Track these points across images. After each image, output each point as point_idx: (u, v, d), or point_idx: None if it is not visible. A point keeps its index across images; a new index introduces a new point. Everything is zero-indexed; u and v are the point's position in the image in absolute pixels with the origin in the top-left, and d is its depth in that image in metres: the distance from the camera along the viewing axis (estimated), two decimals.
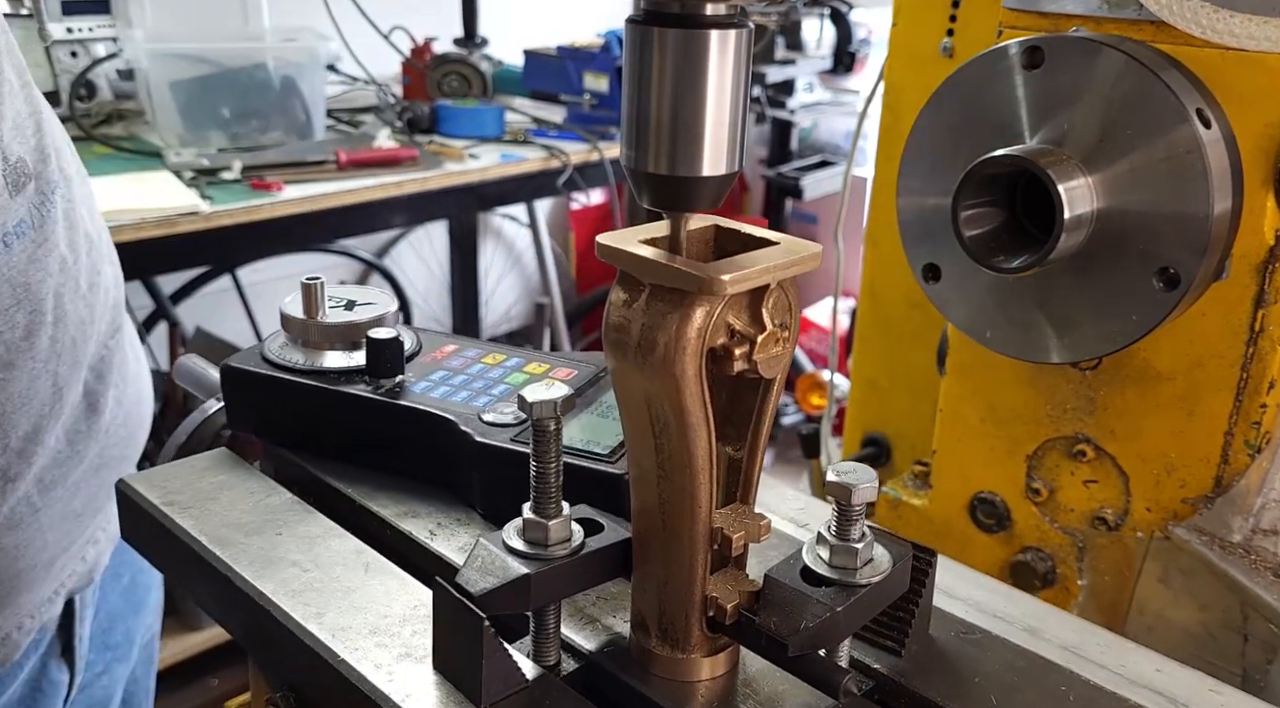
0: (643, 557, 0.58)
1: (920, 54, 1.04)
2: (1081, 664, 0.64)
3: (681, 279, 0.51)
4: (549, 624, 0.60)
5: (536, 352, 0.86)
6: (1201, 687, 0.63)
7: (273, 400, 0.81)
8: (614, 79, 2.88)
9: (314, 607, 0.64)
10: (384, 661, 0.60)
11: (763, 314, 0.53)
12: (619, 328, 0.53)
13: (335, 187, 2.31)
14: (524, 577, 0.56)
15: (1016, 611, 0.70)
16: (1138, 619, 0.85)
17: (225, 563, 0.69)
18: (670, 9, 0.49)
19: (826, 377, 3.46)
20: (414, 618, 0.63)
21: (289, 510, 0.76)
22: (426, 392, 0.78)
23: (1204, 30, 0.69)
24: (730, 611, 0.57)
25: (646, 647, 0.60)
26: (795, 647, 0.54)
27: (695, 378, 0.52)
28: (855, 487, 0.55)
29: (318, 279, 0.81)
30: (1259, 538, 0.80)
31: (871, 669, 0.62)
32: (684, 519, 0.55)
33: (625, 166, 0.52)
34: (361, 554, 0.70)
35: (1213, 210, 0.71)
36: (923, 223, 0.84)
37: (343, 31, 2.84)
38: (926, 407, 0.99)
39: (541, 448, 0.57)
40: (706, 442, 0.54)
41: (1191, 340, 0.78)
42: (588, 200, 3.82)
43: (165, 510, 0.75)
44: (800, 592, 0.55)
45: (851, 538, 0.57)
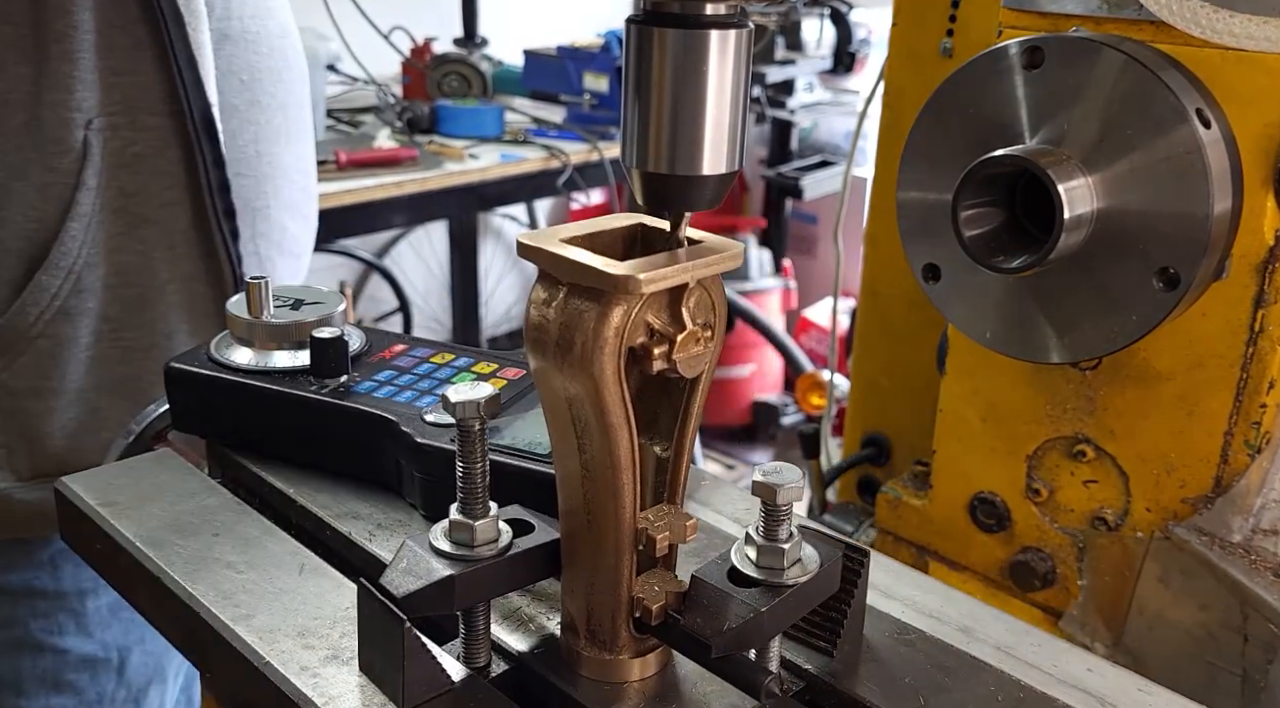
0: (570, 558, 0.58)
1: (920, 54, 1.04)
2: (1013, 664, 0.64)
3: (597, 278, 0.50)
4: (478, 625, 0.60)
5: (490, 351, 0.86)
6: (1130, 687, 0.63)
7: (216, 401, 0.80)
8: (614, 79, 2.88)
9: (244, 609, 0.64)
10: (310, 663, 0.59)
11: (683, 313, 0.53)
12: (538, 327, 0.52)
13: (335, 187, 2.31)
14: (448, 578, 0.56)
15: (953, 610, 0.69)
16: (1138, 619, 0.85)
17: (158, 565, 0.68)
18: (670, 9, 0.49)
19: (826, 377, 3.46)
20: (344, 619, 0.63)
21: (228, 511, 0.75)
22: (371, 392, 0.78)
23: (1204, 30, 0.69)
24: (656, 611, 0.56)
25: (575, 648, 0.60)
26: (719, 648, 0.54)
27: (614, 377, 0.52)
28: (781, 487, 0.55)
29: (262, 278, 0.81)
30: (1259, 538, 0.80)
31: (803, 670, 0.62)
32: (608, 520, 0.55)
33: (625, 166, 0.52)
34: (298, 555, 0.70)
35: (1212, 210, 0.71)
36: (923, 223, 0.84)
37: (343, 31, 2.84)
38: (926, 407, 0.99)
39: (466, 448, 0.57)
40: (629, 442, 0.54)
41: (1191, 340, 0.78)
42: (588, 200, 3.82)
43: (102, 512, 0.74)
44: (724, 592, 0.55)
45: (779, 538, 0.56)
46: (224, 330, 0.84)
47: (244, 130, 1.15)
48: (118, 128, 1.02)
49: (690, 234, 0.54)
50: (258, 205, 1.18)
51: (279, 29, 1.20)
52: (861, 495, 1.21)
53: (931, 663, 0.62)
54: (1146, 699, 0.63)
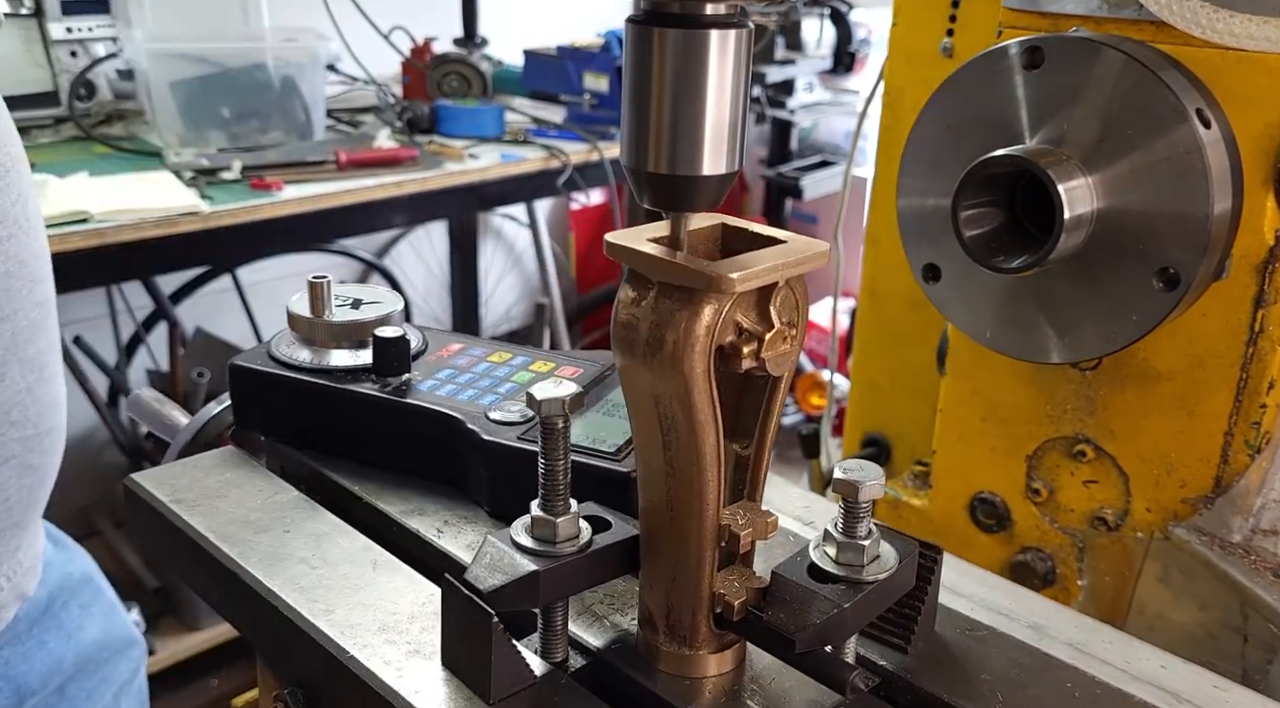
0: (650, 554, 0.58)
1: (920, 54, 1.04)
2: (1086, 661, 0.64)
3: (690, 277, 0.51)
4: (557, 621, 0.60)
5: (541, 350, 0.86)
6: (1205, 683, 0.63)
7: (279, 399, 0.81)
8: (614, 79, 2.88)
9: (322, 603, 0.65)
10: (393, 657, 0.60)
11: (770, 312, 0.54)
12: (628, 325, 0.53)
13: (335, 187, 2.31)
14: (533, 574, 0.56)
15: (1021, 608, 0.70)
16: (1138, 620, 0.85)
17: (234, 560, 0.69)
18: (670, 9, 0.49)
19: (826, 377, 3.46)
20: (422, 615, 0.64)
21: (296, 508, 0.76)
22: (433, 390, 0.79)
23: (1204, 30, 0.69)
24: (738, 607, 0.57)
25: (654, 643, 0.60)
26: (802, 643, 0.54)
27: (704, 376, 0.52)
28: (862, 484, 0.56)
29: (324, 278, 0.81)
30: (1259, 538, 0.80)
31: (878, 666, 0.62)
32: (691, 517, 0.56)
33: (625, 166, 0.52)
34: (369, 551, 0.71)
35: (1212, 210, 0.71)
36: (923, 223, 0.84)
37: (343, 31, 2.84)
38: (926, 407, 0.99)
39: (550, 445, 0.57)
40: (715, 440, 0.54)
41: (1191, 340, 0.78)
42: (588, 200, 3.81)
43: (173, 508, 0.75)
44: (807, 589, 0.56)
45: (858, 535, 0.57)
46: (282, 329, 0.85)
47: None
48: None
49: (775, 234, 0.55)
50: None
51: None
52: None
53: (1006, 660, 0.62)
54: (1222, 696, 0.62)
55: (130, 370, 2.86)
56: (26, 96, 2.45)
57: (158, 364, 2.90)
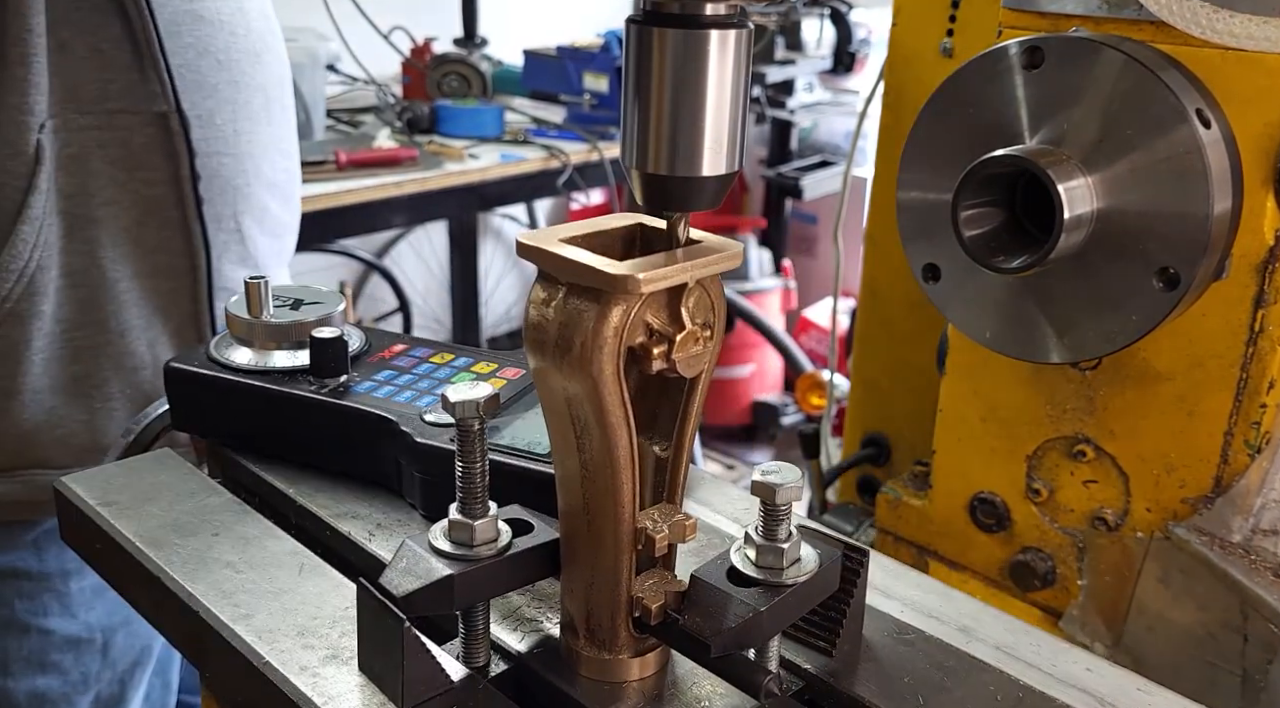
0: (570, 558, 0.58)
1: (920, 54, 1.04)
2: (1012, 664, 0.64)
3: (597, 278, 0.50)
4: (478, 625, 0.60)
5: (490, 351, 0.86)
6: (1129, 686, 0.63)
7: (216, 400, 0.80)
8: (614, 79, 2.88)
9: (243, 608, 0.64)
10: (310, 663, 0.59)
11: (682, 313, 0.53)
12: (537, 327, 0.52)
13: (335, 187, 2.31)
14: (447, 578, 0.56)
15: (952, 610, 0.69)
16: (1138, 620, 0.85)
17: (158, 565, 0.68)
18: (670, 9, 0.49)
19: (826, 377, 3.46)
20: (344, 619, 0.63)
21: (227, 511, 0.75)
22: (370, 391, 0.78)
23: (1203, 30, 0.69)
24: (656, 611, 0.56)
25: (575, 648, 0.60)
26: (718, 647, 0.54)
27: (613, 377, 0.52)
28: (781, 486, 0.55)
29: (261, 278, 0.81)
30: (1259, 538, 0.80)
31: (802, 669, 0.62)
32: (608, 520, 0.55)
33: (625, 167, 0.52)
34: (297, 555, 0.70)
35: (1212, 210, 0.71)
36: (922, 223, 0.84)
37: (342, 31, 2.84)
38: (926, 407, 0.98)
39: (466, 448, 0.57)
40: (628, 441, 0.54)
41: (1191, 341, 0.78)
42: (587, 200, 3.81)
43: (101, 512, 0.74)
44: (724, 592, 0.55)
45: (778, 538, 0.57)
46: (223, 331, 0.84)
47: (221, 110, 1.14)
48: (57, 129, 1.01)
49: (695, 234, 0.54)
50: (238, 183, 1.17)
51: (257, 12, 1.19)
52: (861, 496, 1.21)
53: (931, 663, 0.62)
54: (1146, 699, 0.63)
55: None
56: None
57: None
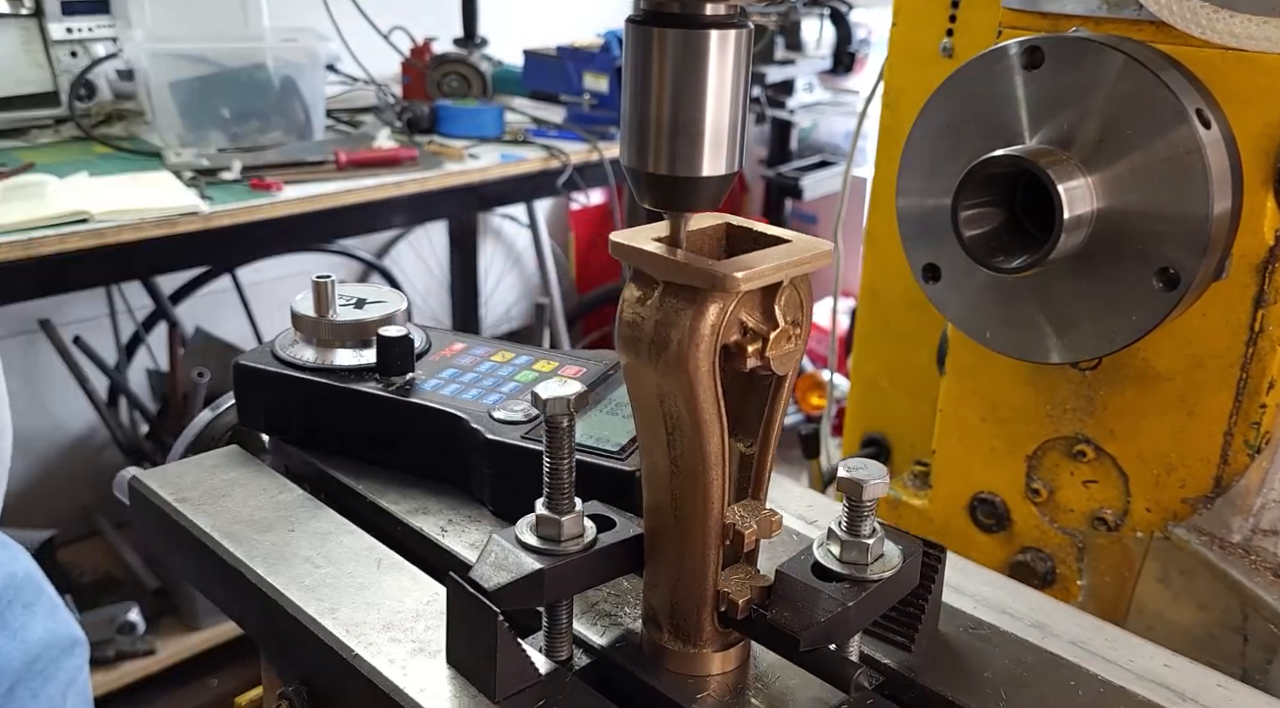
0: (655, 553, 0.58)
1: (920, 54, 1.04)
2: (1089, 659, 0.64)
3: (695, 276, 0.51)
4: (562, 619, 0.60)
5: (544, 349, 0.87)
6: (1209, 682, 0.63)
7: (283, 398, 0.81)
8: (614, 79, 2.88)
9: (328, 602, 0.65)
10: (398, 655, 0.60)
11: (775, 311, 0.54)
12: (632, 325, 0.53)
13: (335, 187, 2.31)
14: (538, 572, 0.56)
15: (1024, 606, 0.70)
16: (1137, 620, 0.85)
17: (239, 559, 0.70)
18: (670, 9, 0.49)
19: (826, 377, 3.45)
20: (427, 613, 0.64)
21: (300, 507, 0.76)
22: (437, 389, 0.79)
23: (1204, 30, 0.69)
24: (742, 606, 0.57)
25: (658, 642, 0.60)
26: (806, 642, 0.54)
27: (709, 375, 0.52)
28: (867, 482, 0.56)
29: (328, 277, 0.81)
30: (1259, 538, 0.80)
31: (881, 664, 0.62)
32: (696, 515, 0.56)
33: (625, 167, 0.52)
34: (373, 550, 0.71)
35: (1212, 210, 0.71)
36: (922, 223, 0.84)
37: (342, 31, 2.84)
38: (926, 407, 0.99)
39: (555, 444, 0.58)
40: (719, 439, 0.54)
41: (1191, 341, 0.78)
42: (587, 200, 3.81)
43: (178, 507, 0.76)
44: (812, 587, 0.56)
45: (862, 534, 0.57)
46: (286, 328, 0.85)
47: None
48: None
49: (779, 233, 0.55)
50: None
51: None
52: None
53: (1009, 658, 0.62)
54: (1225, 695, 0.63)
55: (130, 371, 2.86)
56: (26, 97, 2.45)
57: (158, 364, 2.90)
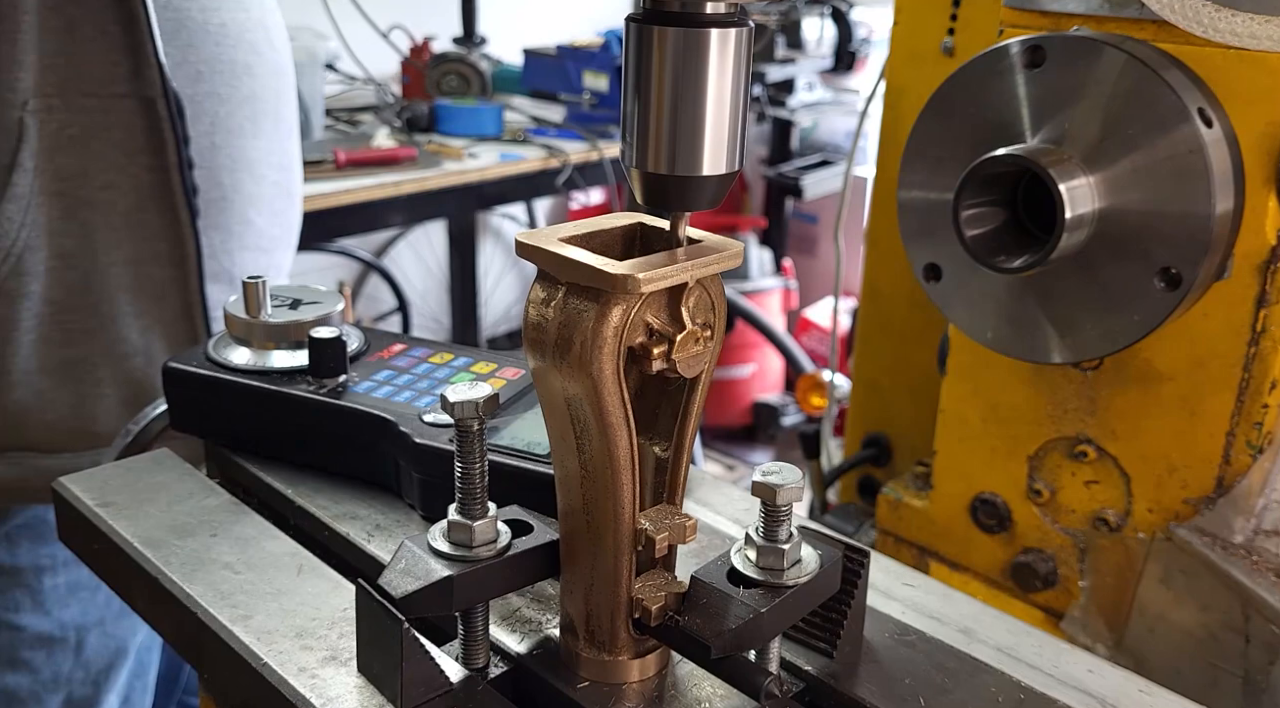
0: (569, 559, 0.58)
1: (921, 53, 1.03)
2: (1014, 666, 0.64)
3: (596, 278, 0.50)
4: (477, 627, 0.60)
5: (489, 351, 0.86)
6: (1131, 688, 0.63)
7: (214, 400, 0.80)
8: (614, 78, 2.88)
9: (242, 609, 0.64)
10: (308, 664, 0.59)
11: (682, 313, 0.53)
12: (537, 327, 0.52)
13: (334, 186, 2.30)
14: (446, 579, 0.56)
15: (953, 611, 0.69)
16: (1139, 621, 0.85)
17: (155, 565, 0.68)
18: (671, 8, 0.48)
19: (827, 377, 3.45)
20: (343, 620, 0.63)
21: (226, 512, 0.74)
22: (369, 392, 0.78)
23: (1205, 29, 0.69)
24: (656, 612, 0.56)
25: (574, 649, 0.59)
26: (718, 648, 0.54)
27: (613, 377, 0.51)
28: (781, 487, 0.55)
29: (259, 278, 0.80)
30: (1261, 539, 0.80)
31: (802, 671, 0.61)
32: (607, 521, 0.55)
33: (625, 166, 0.52)
34: (296, 556, 0.70)
35: (1214, 210, 0.71)
36: (924, 222, 0.84)
37: (341, 31, 2.84)
38: (927, 407, 0.98)
39: (465, 448, 0.57)
40: (628, 442, 0.53)
41: (1193, 341, 0.78)
42: (587, 200, 3.81)
43: (99, 512, 0.74)
44: (725, 593, 0.55)
45: (779, 539, 0.56)
46: (221, 330, 0.84)
47: (198, 121, 1.12)
48: (53, 109, 1.00)
49: (690, 233, 0.54)
50: (213, 196, 1.15)
51: (250, 21, 1.16)
52: (862, 496, 1.21)
53: (932, 664, 0.62)
54: (1147, 701, 0.62)
55: None
56: None
57: None
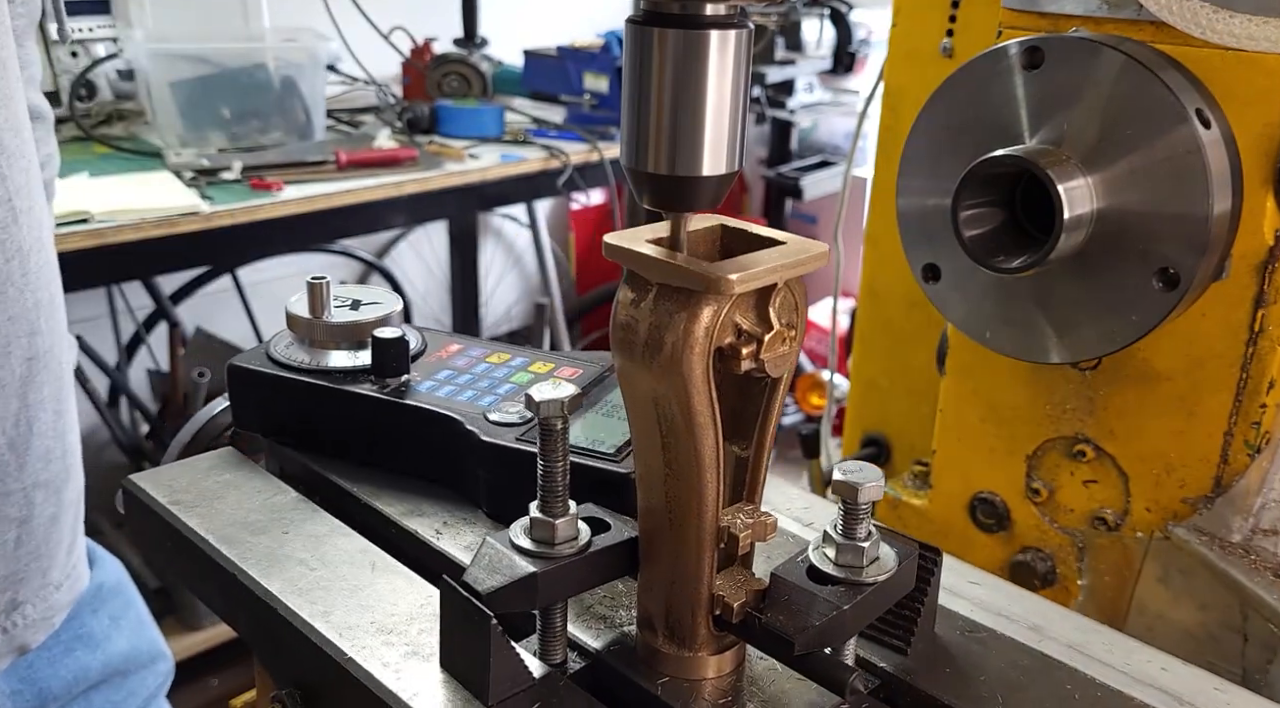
0: (650, 556, 0.58)
1: (920, 54, 1.04)
2: (1086, 663, 0.64)
3: (689, 278, 0.51)
4: (556, 623, 0.60)
5: (541, 351, 0.86)
6: (1206, 686, 0.63)
7: (278, 399, 0.81)
8: (614, 79, 2.88)
9: (321, 605, 0.65)
10: (391, 659, 0.60)
11: (769, 313, 0.53)
12: (626, 327, 0.53)
13: (335, 187, 2.31)
14: (531, 575, 0.56)
15: (1020, 609, 0.70)
16: (1138, 620, 0.85)
17: (232, 561, 0.69)
18: (670, 9, 0.49)
19: (826, 377, 3.45)
20: (421, 616, 0.64)
21: (295, 509, 0.76)
22: (432, 391, 0.79)
23: (1203, 31, 0.69)
24: (737, 609, 0.57)
25: (653, 645, 0.60)
26: (801, 645, 0.54)
27: (703, 378, 0.52)
28: (862, 485, 0.55)
29: (323, 279, 0.81)
30: (1259, 538, 0.80)
31: (877, 668, 0.62)
32: (691, 518, 0.56)
33: (625, 167, 0.52)
34: (367, 553, 0.71)
35: (1212, 210, 0.71)
36: (923, 223, 0.84)
37: (343, 32, 2.84)
38: (926, 407, 0.99)
39: (548, 447, 0.57)
40: (714, 442, 0.54)
41: (1191, 341, 0.78)
42: (588, 201, 3.81)
43: (171, 509, 0.75)
44: (807, 590, 0.56)
45: (858, 537, 0.57)
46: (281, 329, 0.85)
47: None
48: None
49: (774, 235, 0.55)
50: None
51: None
52: None
53: (1005, 661, 0.62)
54: (1223, 698, 0.62)
55: (130, 370, 2.86)
56: None
57: (158, 364, 2.90)
